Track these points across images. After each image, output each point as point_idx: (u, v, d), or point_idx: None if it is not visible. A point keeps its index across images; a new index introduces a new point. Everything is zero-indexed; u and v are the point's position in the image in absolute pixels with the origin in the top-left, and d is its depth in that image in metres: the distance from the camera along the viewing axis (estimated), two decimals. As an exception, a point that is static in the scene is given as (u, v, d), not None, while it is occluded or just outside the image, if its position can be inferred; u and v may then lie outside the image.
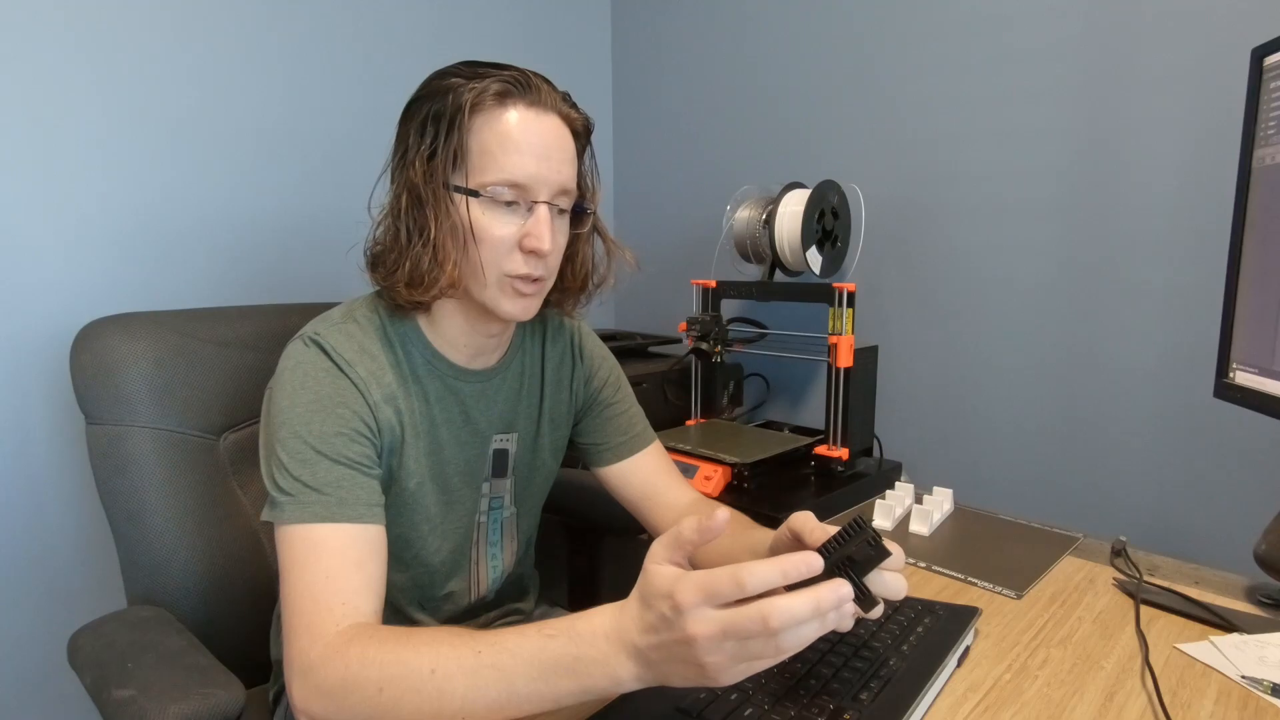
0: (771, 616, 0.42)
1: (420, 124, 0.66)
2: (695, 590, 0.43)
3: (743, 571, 0.43)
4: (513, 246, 0.66)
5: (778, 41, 1.54)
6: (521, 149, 0.64)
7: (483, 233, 0.65)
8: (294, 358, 0.66)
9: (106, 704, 0.61)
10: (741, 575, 0.43)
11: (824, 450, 1.25)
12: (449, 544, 0.77)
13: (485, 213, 0.65)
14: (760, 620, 0.42)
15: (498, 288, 0.67)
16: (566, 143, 0.67)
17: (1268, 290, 0.74)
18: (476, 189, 0.64)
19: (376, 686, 0.51)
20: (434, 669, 0.50)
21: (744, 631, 0.42)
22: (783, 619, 0.42)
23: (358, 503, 0.61)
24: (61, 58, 1.06)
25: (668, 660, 0.45)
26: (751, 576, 0.43)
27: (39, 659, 1.12)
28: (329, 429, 0.63)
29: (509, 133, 0.64)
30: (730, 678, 0.44)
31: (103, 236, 1.12)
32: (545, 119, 0.66)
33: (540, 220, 0.65)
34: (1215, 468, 1.10)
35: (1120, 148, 1.14)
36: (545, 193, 0.65)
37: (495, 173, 0.64)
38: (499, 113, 0.64)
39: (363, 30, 1.38)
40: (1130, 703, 0.57)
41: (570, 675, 0.47)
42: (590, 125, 0.71)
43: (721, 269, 1.49)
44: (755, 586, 0.43)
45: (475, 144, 0.64)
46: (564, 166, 0.67)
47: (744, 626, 0.42)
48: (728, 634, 0.43)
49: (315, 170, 1.34)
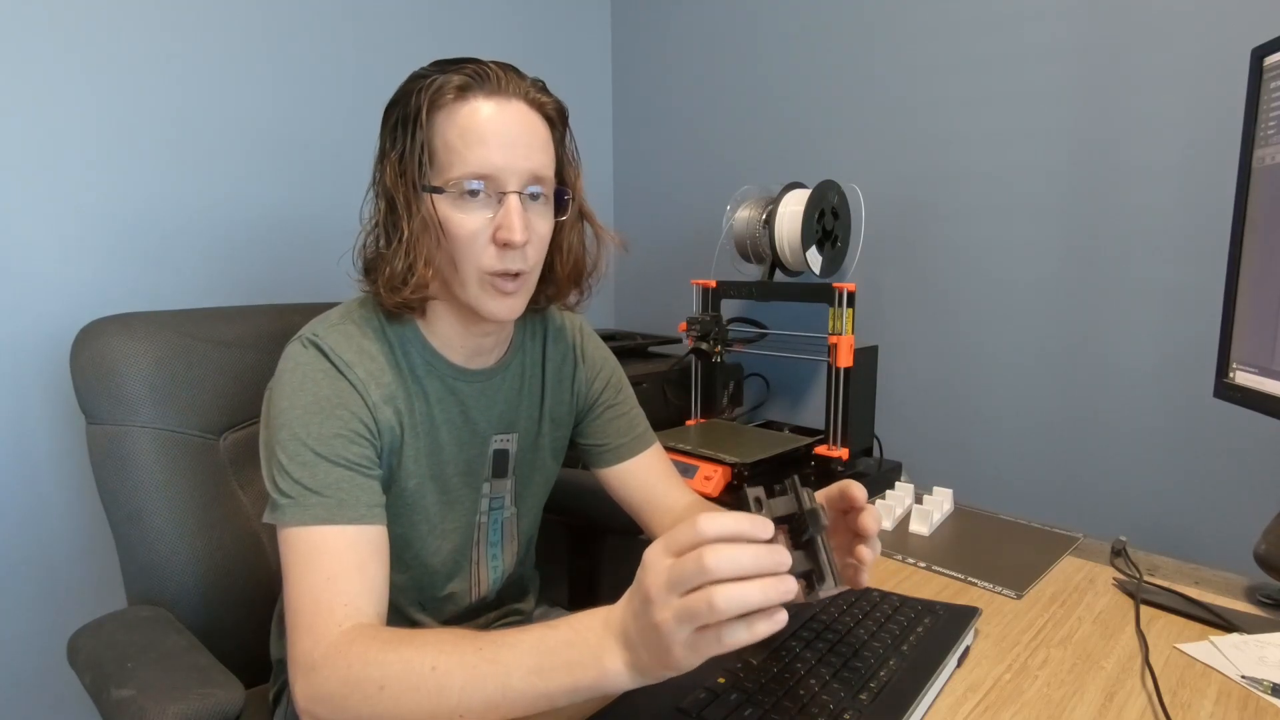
0: (706, 554, 0.41)
1: (392, 128, 0.66)
2: (657, 543, 0.44)
3: (701, 519, 0.43)
4: (486, 241, 0.65)
5: (778, 41, 1.54)
6: (485, 140, 0.63)
7: (453, 229, 0.64)
8: (293, 359, 0.66)
9: (106, 704, 0.61)
10: (699, 521, 0.43)
11: (824, 450, 1.25)
12: (449, 544, 0.76)
13: (454, 209, 0.64)
14: (697, 560, 0.42)
15: (478, 287, 0.66)
16: (536, 129, 0.66)
17: (1268, 290, 0.73)
18: (442, 185, 0.64)
19: (378, 685, 0.51)
20: (434, 666, 0.50)
21: (685, 575, 0.42)
22: (717, 558, 0.41)
23: (358, 504, 0.62)
24: (61, 58, 1.06)
25: (642, 636, 0.44)
26: (709, 522, 0.43)
27: (38, 659, 1.12)
28: (328, 431, 0.63)
29: (471, 125, 0.63)
30: (683, 650, 0.43)
31: (103, 237, 1.12)
32: (509, 107, 0.65)
33: (510, 211, 0.64)
34: (1215, 468, 1.10)
35: (1120, 148, 1.14)
36: (514, 182, 0.64)
37: (460, 167, 0.63)
38: (459, 106, 0.64)
39: (362, 30, 1.38)
40: (1130, 703, 0.57)
41: (564, 668, 0.47)
42: (564, 110, 0.70)
43: (721, 269, 1.49)
44: (714, 533, 0.43)
45: (439, 141, 0.64)
46: (533, 153, 0.65)
47: (685, 569, 0.42)
48: (672, 582, 0.42)
49: (315, 170, 1.34)
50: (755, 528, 0.44)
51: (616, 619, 0.47)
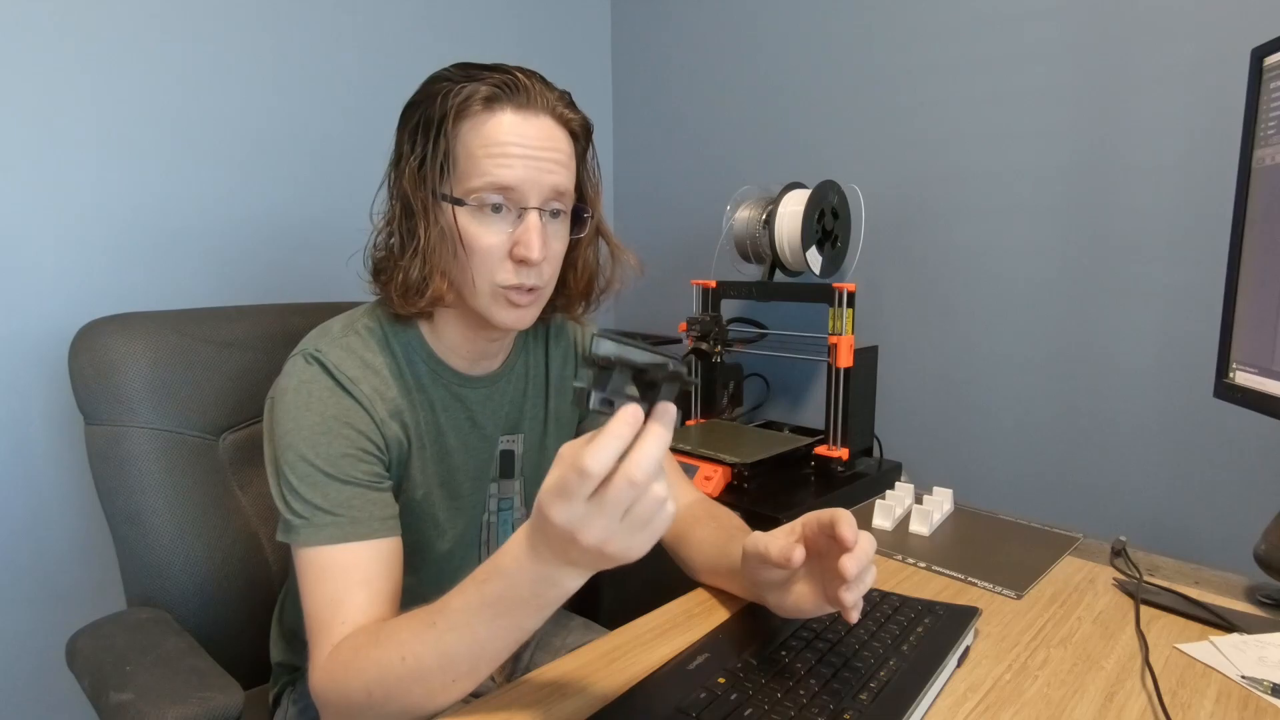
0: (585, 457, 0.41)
1: (412, 131, 0.65)
2: (548, 493, 0.43)
3: (583, 458, 0.41)
4: (503, 255, 0.64)
5: (778, 41, 1.54)
6: (509, 153, 0.62)
7: (472, 242, 0.63)
8: (296, 376, 0.65)
9: (105, 707, 0.61)
10: (583, 462, 0.41)
11: (824, 450, 1.25)
12: (457, 546, 0.77)
13: (474, 221, 0.63)
14: (625, 478, 0.41)
15: (490, 298, 0.66)
16: (560, 145, 0.65)
17: (1268, 290, 0.73)
18: (462, 197, 0.63)
19: (365, 692, 0.52)
20: (403, 656, 0.51)
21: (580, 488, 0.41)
22: (594, 458, 0.41)
23: (371, 519, 0.62)
24: (61, 58, 1.06)
25: (575, 554, 0.44)
26: (594, 461, 0.41)
27: (37, 660, 1.12)
28: (335, 451, 0.62)
29: (496, 138, 0.62)
30: (616, 543, 0.43)
31: (102, 237, 1.12)
32: (536, 121, 0.64)
33: (530, 228, 0.63)
34: (1215, 468, 1.09)
35: (1120, 148, 1.14)
36: (535, 198, 0.64)
37: (481, 179, 0.62)
38: (486, 117, 0.63)
39: (362, 30, 1.38)
40: (1130, 703, 0.57)
41: (520, 604, 0.48)
42: (590, 126, 0.69)
43: (721, 269, 1.49)
44: (601, 469, 0.41)
45: (462, 150, 0.63)
46: (556, 169, 0.64)
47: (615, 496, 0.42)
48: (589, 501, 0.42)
49: (314, 170, 1.34)
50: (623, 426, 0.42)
51: (540, 553, 0.46)
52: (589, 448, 0.41)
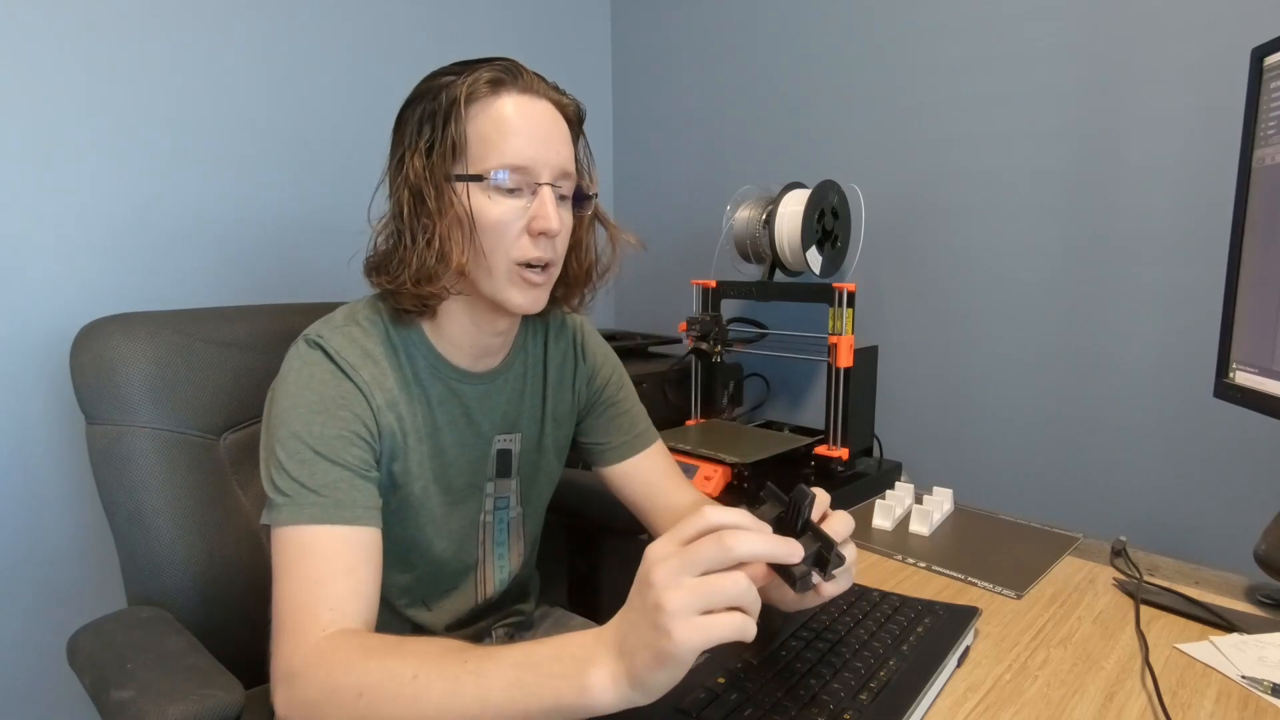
0: (726, 536, 0.42)
1: (416, 123, 0.66)
2: (662, 538, 0.44)
3: (707, 509, 0.44)
4: (520, 231, 0.66)
5: (778, 41, 1.54)
6: (520, 132, 0.64)
7: (486, 219, 0.65)
8: (297, 359, 0.66)
9: (106, 705, 0.60)
10: (706, 511, 0.44)
11: (824, 450, 1.25)
12: (453, 544, 0.77)
13: (489, 199, 0.65)
14: (717, 542, 0.42)
15: (506, 278, 0.67)
16: (561, 127, 0.68)
17: (1268, 290, 0.73)
18: (479, 174, 0.64)
19: (356, 692, 0.50)
20: (416, 675, 0.49)
21: (702, 556, 0.42)
22: (737, 539, 0.42)
23: (354, 505, 0.61)
24: (60, 58, 1.06)
25: (640, 627, 0.42)
26: (717, 512, 0.44)
27: (38, 659, 1.12)
28: (329, 431, 0.63)
29: (506, 118, 0.65)
30: (685, 628, 0.40)
31: (102, 236, 1.12)
32: (538, 104, 0.67)
33: (545, 201, 0.65)
34: (1215, 468, 1.09)
35: (1120, 148, 1.14)
36: (547, 174, 0.66)
37: (495, 158, 0.64)
38: (493, 100, 0.65)
39: (361, 29, 1.38)
40: (1130, 703, 0.57)
41: (547, 680, 0.45)
42: (582, 110, 0.72)
43: (721, 269, 1.49)
44: (723, 519, 0.44)
45: (473, 132, 0.65)
46: (562, 148, 0.67)
47: (704, 550, 0.42)
48: (686, 565, 0.42)
49: (314, 169, 1.34)
50: (758, 520, 0.45)
51: (610, 629, 0.45)
52: (721, 507, 0.45)
